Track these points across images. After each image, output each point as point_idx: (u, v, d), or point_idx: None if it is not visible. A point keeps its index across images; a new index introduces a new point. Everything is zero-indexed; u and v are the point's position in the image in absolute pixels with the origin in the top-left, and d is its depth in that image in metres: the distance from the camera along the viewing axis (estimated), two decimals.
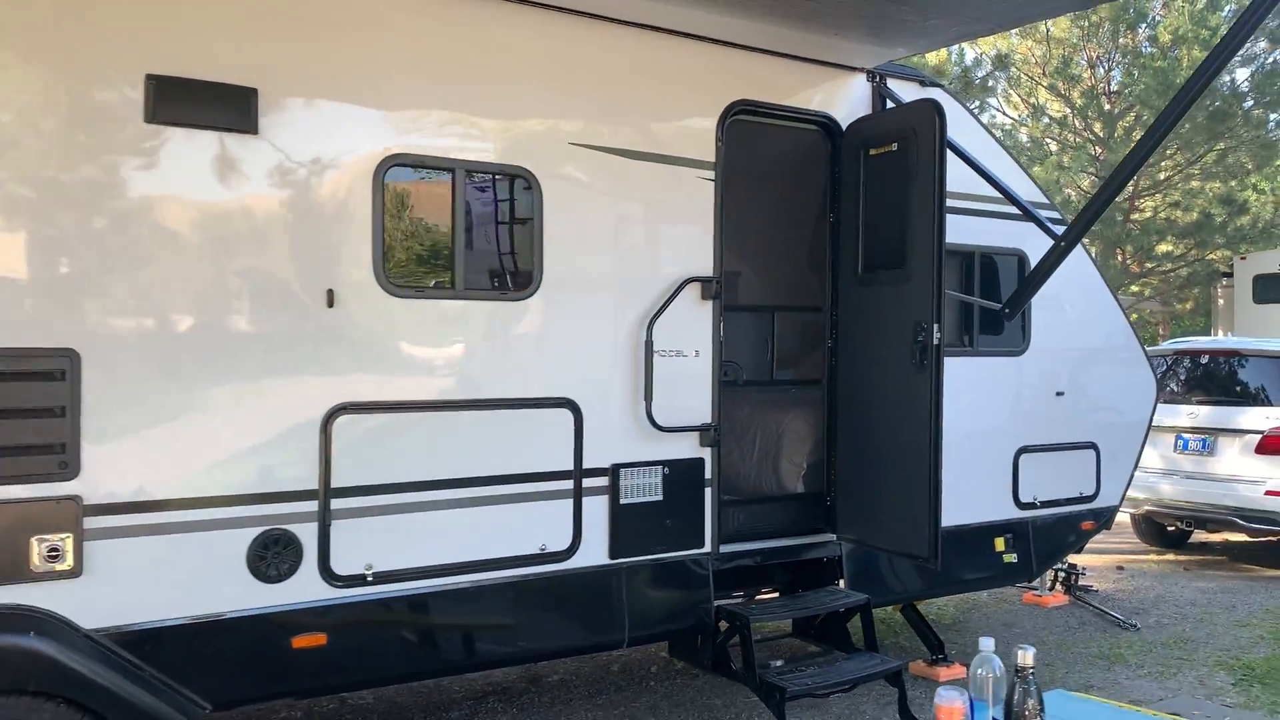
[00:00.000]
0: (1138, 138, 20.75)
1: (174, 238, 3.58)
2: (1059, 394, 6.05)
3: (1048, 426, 6.00)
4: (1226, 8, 20.35)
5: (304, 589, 3.82)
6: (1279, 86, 20.13)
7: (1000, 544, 5.73)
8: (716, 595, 4.81)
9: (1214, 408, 9.13)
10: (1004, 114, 21.27)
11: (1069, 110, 20.75)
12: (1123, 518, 10.57)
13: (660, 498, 4.59)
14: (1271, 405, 8.81)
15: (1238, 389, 9.17)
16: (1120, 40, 20.46)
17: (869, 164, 4.91)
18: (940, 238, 4.48)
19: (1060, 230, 5.38)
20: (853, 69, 5.21)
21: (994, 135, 5.79)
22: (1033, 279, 4.77)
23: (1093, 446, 6.25)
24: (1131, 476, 6.53)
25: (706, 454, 4.73)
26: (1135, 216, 21.39)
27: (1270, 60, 20.19)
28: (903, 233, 4.65)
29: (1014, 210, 5.68)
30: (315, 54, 3.84)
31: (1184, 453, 9.21)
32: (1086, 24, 19.90)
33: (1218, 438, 9.01)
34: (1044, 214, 5.84)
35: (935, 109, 4.53)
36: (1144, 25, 20.06)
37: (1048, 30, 20.39)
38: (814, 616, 5.26)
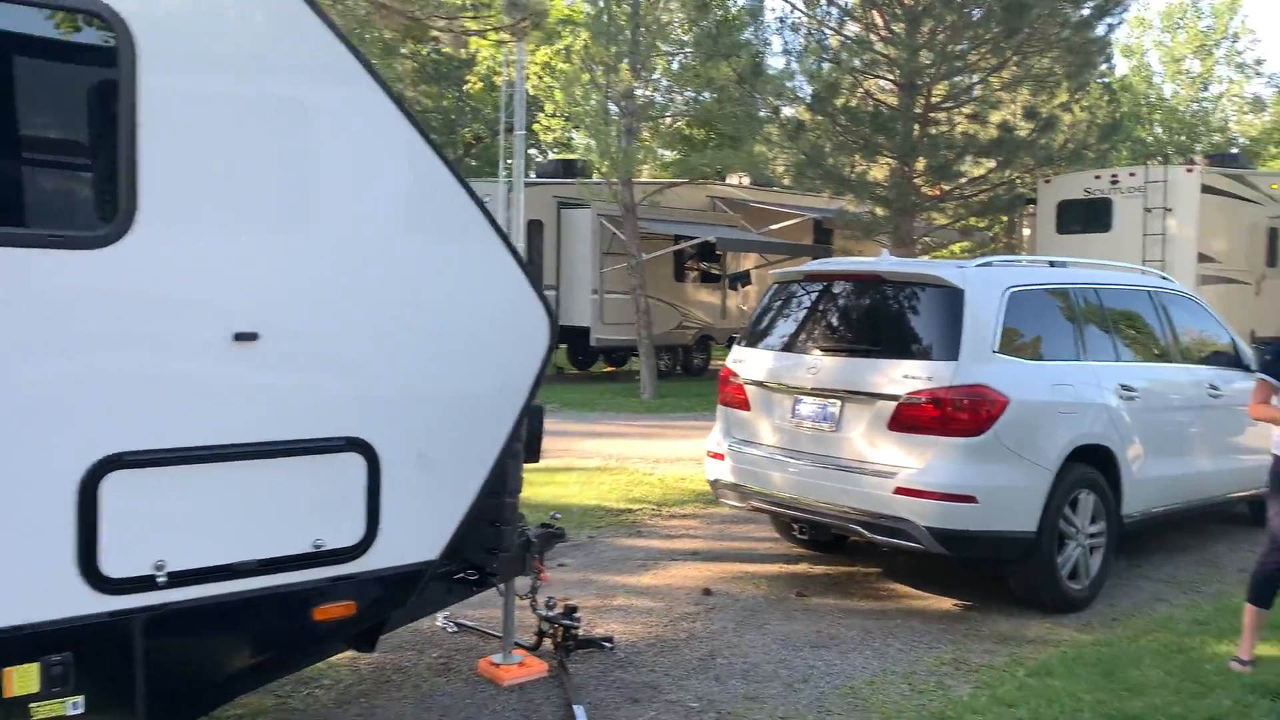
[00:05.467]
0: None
1: None
2: (244, 337, 2.81)
3: (204, 408, 2.77)
4: None
5: None
6: None
7: (18, 682, 2.47)
8: None
9: (843, 360, 6.10)
10: None
11: None
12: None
13: None
14: (919, 358, 5.80)
15: (876, 333, 6.14)
16: None
17: None
18: None
19: None
20: None
21: None
22: None
23: (360, 447, 3.05)
24: (474, 500, 3.36)
25: None
26: (932, 130, 18.53)
27: None
28: None
29: None
30: None
31: (802, 424, 6.18)
32: None
33: (845, 405, 6.00)
34: None
35: None
36: None
37: None
38: None
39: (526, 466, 4.07)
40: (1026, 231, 19.98)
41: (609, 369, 22.09)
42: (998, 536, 5.62)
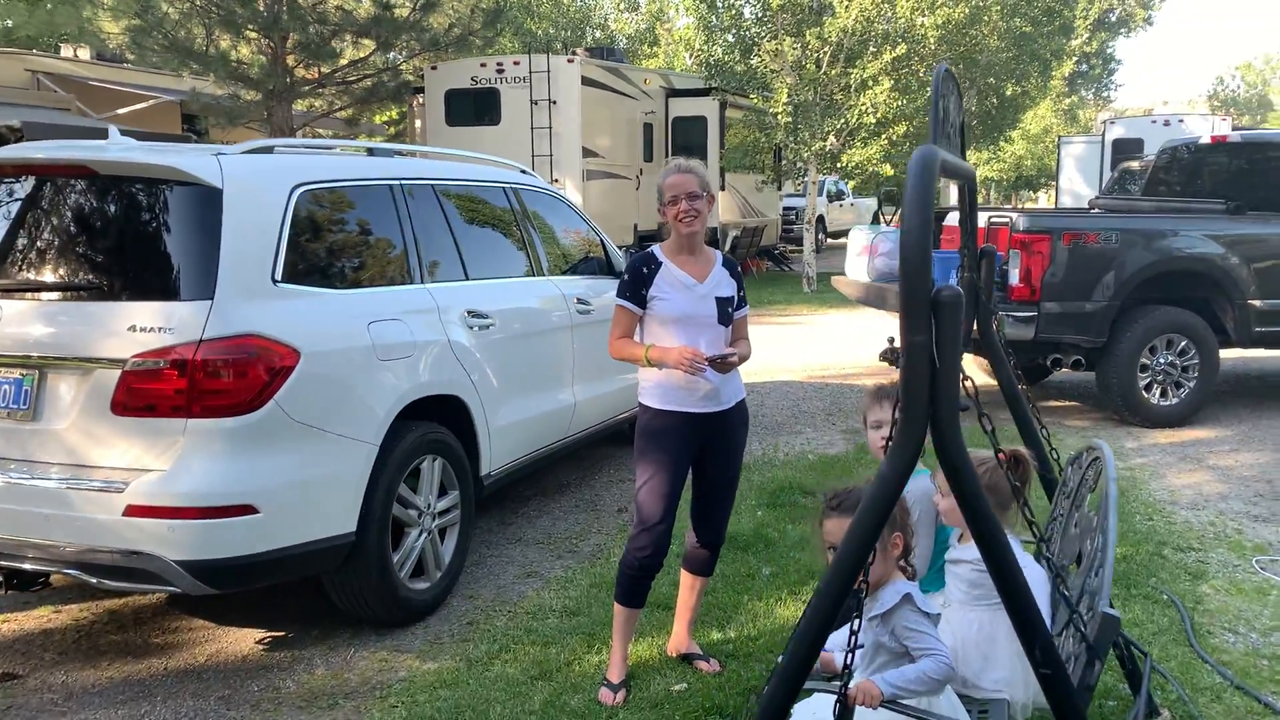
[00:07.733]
0: None
1: None
2: None
3: None
4: None
5: None
6: None
7: None
8: None
9: (40, 307, 3.81)
10: None
11: None
12: None
13: None
14: (155, 298, 3.70)
15: (92, 262, 3.92)
16: None
17: None
18: None
19: None
20: None
21: None
22: None
23: None
24: None
25: None
26: (300, 2, 16.03)
27: None
28: None
29: None
30: None
31: None
32: None
33: (45, 379, 3.75)
34: None
35: None
36: None
37: None
38: None
39: None
40: (420, 124, 18.52)
41: None
42: (298, 553, 3.83)
